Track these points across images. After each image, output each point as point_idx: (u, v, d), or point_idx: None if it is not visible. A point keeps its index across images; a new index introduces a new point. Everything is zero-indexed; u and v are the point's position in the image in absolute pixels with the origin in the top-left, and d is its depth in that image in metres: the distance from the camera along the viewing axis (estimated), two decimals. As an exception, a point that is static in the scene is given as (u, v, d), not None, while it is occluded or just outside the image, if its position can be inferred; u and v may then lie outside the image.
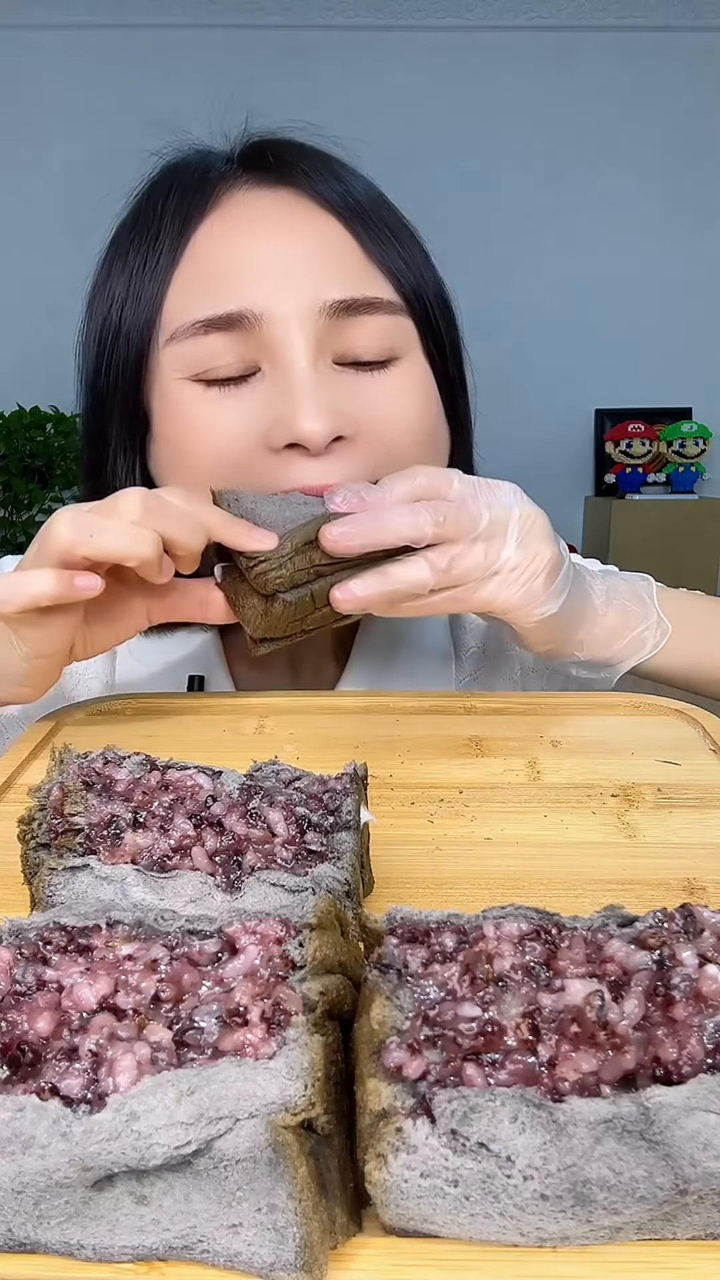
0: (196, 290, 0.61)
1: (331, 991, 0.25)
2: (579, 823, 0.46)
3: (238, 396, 0.61)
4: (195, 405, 0.62)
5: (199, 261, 0.62)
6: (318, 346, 0.60)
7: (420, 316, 0.65)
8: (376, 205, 0.66)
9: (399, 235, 0.65)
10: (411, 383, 0.64)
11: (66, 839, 0.35)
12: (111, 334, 0.65)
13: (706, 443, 3.33)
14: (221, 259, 0.61)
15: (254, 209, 0.63)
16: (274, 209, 0.63)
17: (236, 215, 0.63)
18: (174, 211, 0.63)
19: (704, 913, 0.27)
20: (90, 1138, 0.22)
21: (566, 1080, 0.23)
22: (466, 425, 0.73)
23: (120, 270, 0.65)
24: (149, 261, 0.63)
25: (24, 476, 3.06)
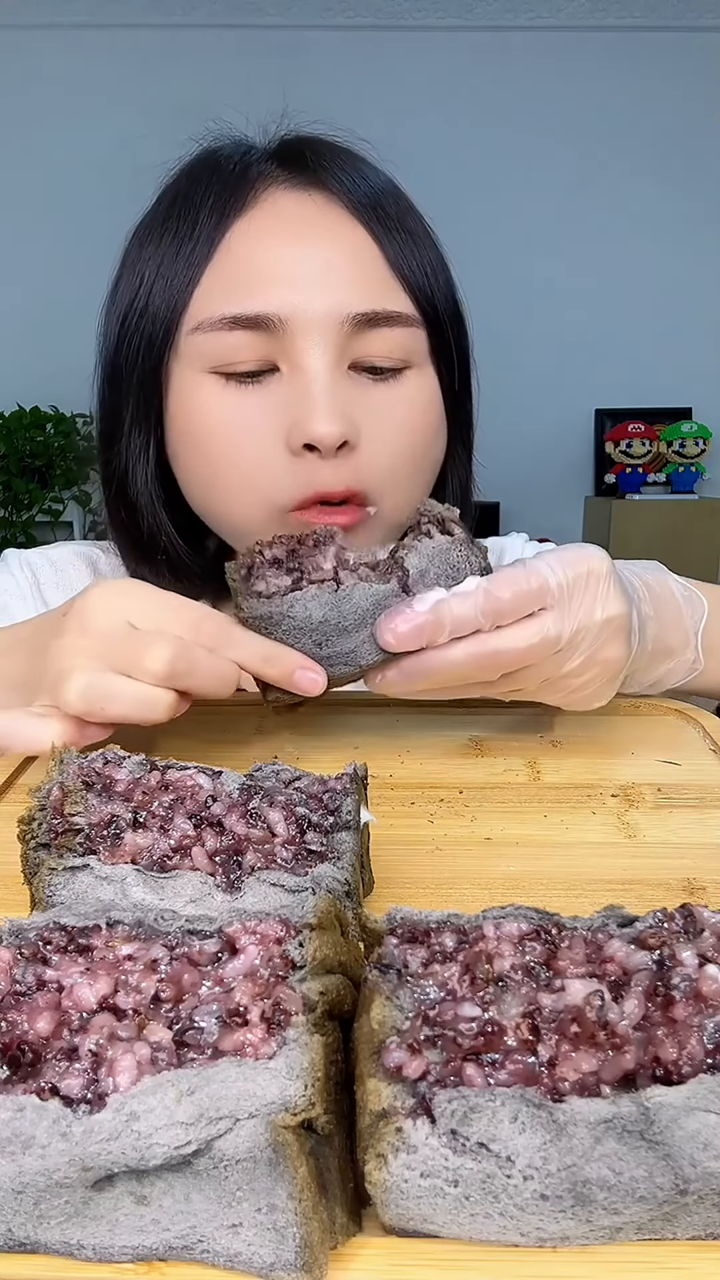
0: (227, 286, 0.63)
1: (331, 991, 0.25)
2: (579, 823, 0.46)
3: (254, 393, 0.63)
4: (213, 398, 0.64)
5: (232, 258, 0.64)
6: (336, 354, 0.62)
7: (433, 327, 0.67)
8: (400, 209, 0.68)
9: (418, 240, 0.67)
10: (417, 394, 0.66)
11: (66, 839, 0.35)
12: (136, 314, 0.67)
13: (706, 443, 3.32)
14: (253, 259, 0.63)
15: (288, 212, 0.65)
16: (308, 213, 0.65)
17: (271, 217, 0.65)
18: (212, 205, 0.65)
19: (704, 913, 0.27)
20: (90, 1138, 0.22)
21: (566, 1080, 0.23)
22: (468, 433, 0.75)
23: (153, 252, 0.67)
24: (183, 249, 0.65)
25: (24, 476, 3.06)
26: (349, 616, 0.47)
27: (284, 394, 0.63)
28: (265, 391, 0.63)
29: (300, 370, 0.62)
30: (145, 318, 0.66)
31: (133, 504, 0.71)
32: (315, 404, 0.61)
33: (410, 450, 0.66)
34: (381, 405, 0.64)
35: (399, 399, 0.65)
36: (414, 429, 0.66)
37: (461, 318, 0.71)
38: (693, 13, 3.22)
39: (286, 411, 0.62)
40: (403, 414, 0.65)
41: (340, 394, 0.62)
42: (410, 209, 0.69)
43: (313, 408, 0.61)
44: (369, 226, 0.65)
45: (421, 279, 0.66)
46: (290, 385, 0.63)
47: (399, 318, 0.64)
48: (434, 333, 0.67)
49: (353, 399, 0.63)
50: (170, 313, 0.65)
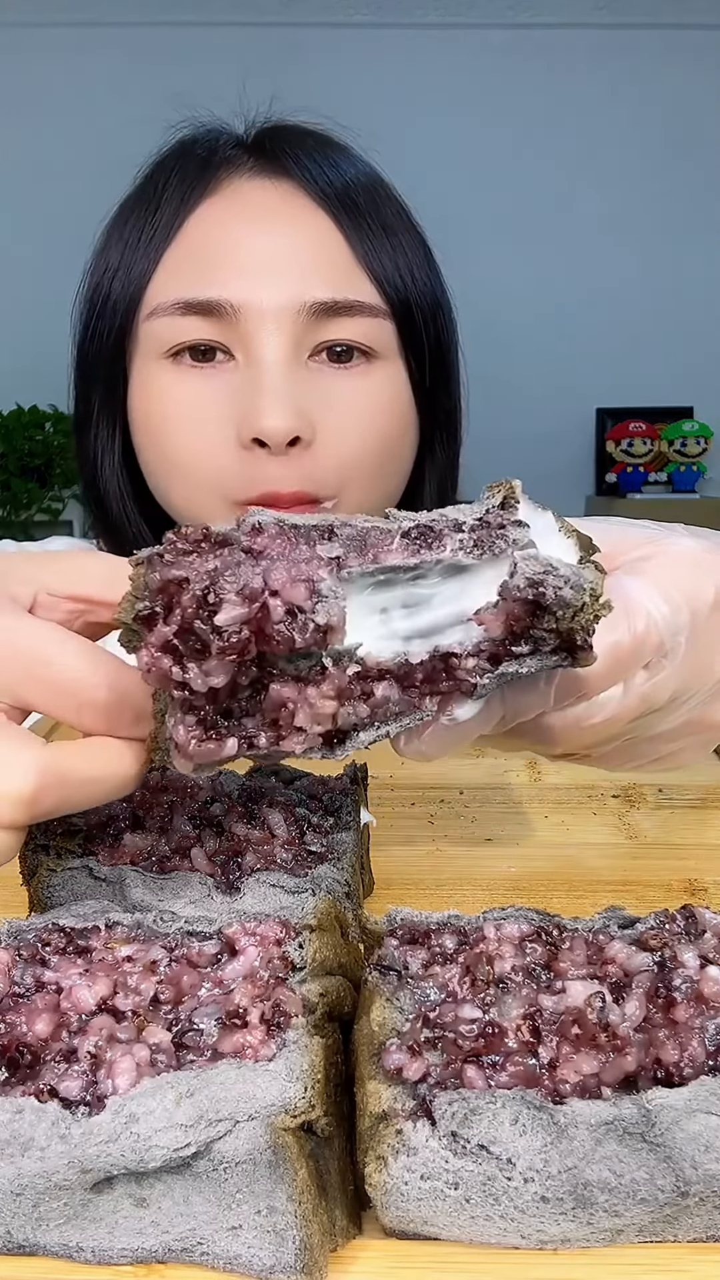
0: (183, 271, 0.62)
1: (331, 993, 0.25)
2: (580, 823, 0.46)
3: (208, 380, 0.62)
4: (168, 384, 0.63)
5: (190, 244, 0.63)
6: (293, 344, 0.61)
7: (403, 321, 0.65)
8: (375, 202, 0.65)
9: (394, 234, 0.65)
10: (381, 386, 0.64)
11: (66, 840, 0.35)
12: (101, 300, 0.66)
13: (708, 442, 3.32)
14: (211, 245, 0.62)
15: (252, 199, 0.63)
16: (271, 201, 0.63)
17: (233, 203, 0.63)
18: (175, 190, 0.64)
19: (705, 914, 0.27)
20: (89, 1140, 0.22)
21: (567, 1082, 0.23)
22: (452, 435, 0.72)
23: (118, 240, 0.66)
24: (144, 236, 0.64)
25: (23, 476, 3.06)
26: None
27: (237, 383, 0.61)
28: (219, 379, 0.62)
29: (254, 360, 0.60)
30: (108, 305, 0.66)
31: (101, 495, 0.71)
32: (265, 396, 0.59)
33: (373, 443, 0.64)
34: (343, 395, 0.62)
35: (362, 389, 0.63)
36: (377, 421, 0.64)
37: (441, 312, 0.68)
38: (693, 12, 3.21)
39: (238, 401, 0.60)
40: (365, 405, 0.63)
41: (295, 387, 0.60)
42: (387, 201, 0.67)
43: (263, 400, 0.59)
44: (335, 216, 0.63)
45: (391, 272, 0.64)
46: (243, 374, 0.61)
47: (361, 307, 0.62)
48: (403, 326, 0.65)
49: (310, 390, 0.61)
50: (129, 300, 0.64)
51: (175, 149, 0.68)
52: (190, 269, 0.62)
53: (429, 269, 0.67)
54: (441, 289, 0.69)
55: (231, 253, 0.61)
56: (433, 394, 0.68)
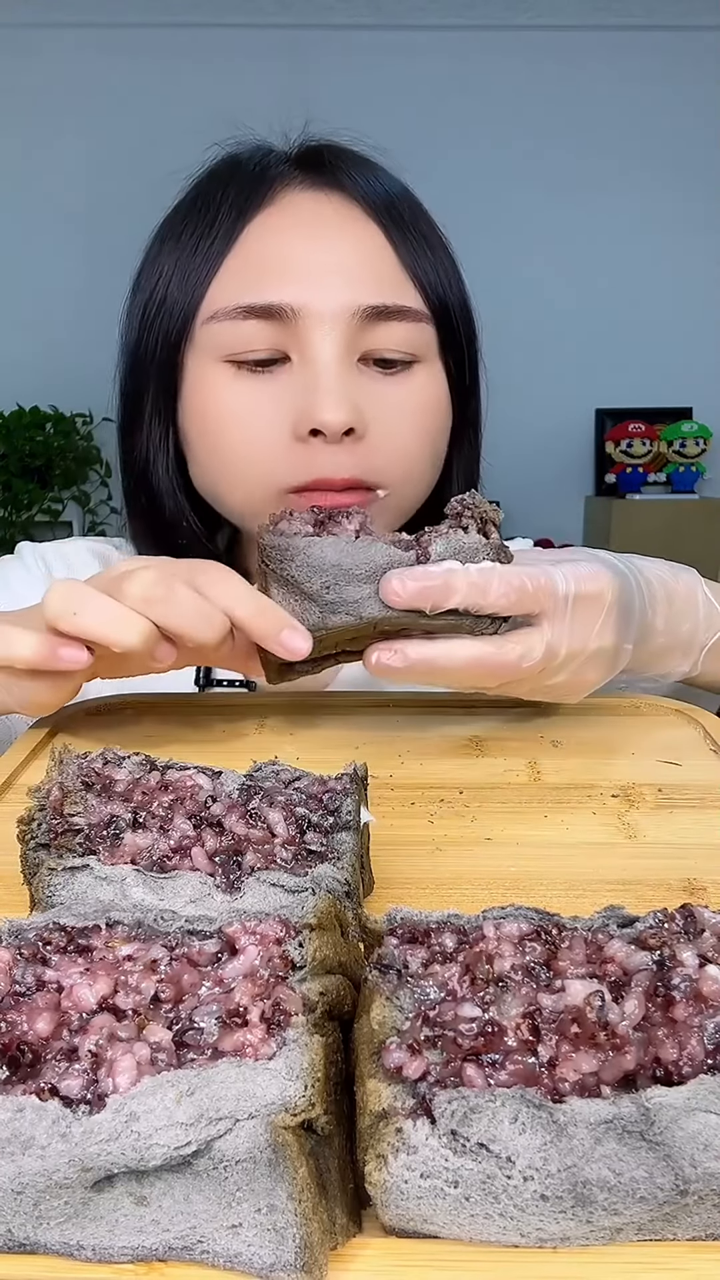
0: (243, 278, 0.65)
1: (331, 992, 0.25)
2: (579, 823, 0.46)
3: (266, 381, 0.65)
4: (225, 386, 0.66)
5: (249, 252, 0.66)
6: (346, 345, 0.64)
7: (443, 325, 0.69)
8: (414, 214, 0.70)
9: (432, 245, 0.69)
10: (425, 388, 0.68)
11: (66, 839, 0.35)
12: (156, 306, 0.69)
13: (707, 442, 3.32)
14: (270, 253, 0.66)
15: (305, 210, 0.67)
16: (324, 212, 0.67)
17: (289, 213, 0.67)
18: (232, 201, 0.68)
19: (704, 913, 0.27)
20: (90, 1138, 0.22)
21: (567, 1081, 0.23)
22: (476, 431, 0.76)
23: (172, 248, 0.69)
24: (201, 243, 0.67)
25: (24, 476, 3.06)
26: (362, 566, 0.47)
27: (294, 383, 0.64)
28: (275, 381, 0.65)
29: (310, 360, 0.64)
30: (164, 310, 0.68)
31: (154, 491, 0.73)
32: (323, 391, 0.62)
33: (418, 443, 0.68)
34: (390, 399, 0.66)
35: (408, 393, 0.67)
36: (422, 422, 0.68)
37: (472, 317, 0.73)
38: (693, 13, 3.22)
39: (295, 400, 0.64)
40: (411, 407, 0.67)
41: (349, 384, 0.64)
42: (424, 214, 0.72)
43: (321, 395, 0.62)
44: (383, 226, 0.67)
45: (434, 278, 0.68)
46: (300, 374, 0.64)
47: (408, 312, 0.66)
48: (443, 329, 0.69)
49: (361, 391, 0.65)
50: (188, 304, 0.67)
51: (225, 162, 0.72)
52: (250, 275, 0.65)
53: (459, 279, 0.72)
54: (469, 297, 0.73)
55: (289, 260, 0.65)
56: (466, 392, 0.72)
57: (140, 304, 0.71)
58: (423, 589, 0.46)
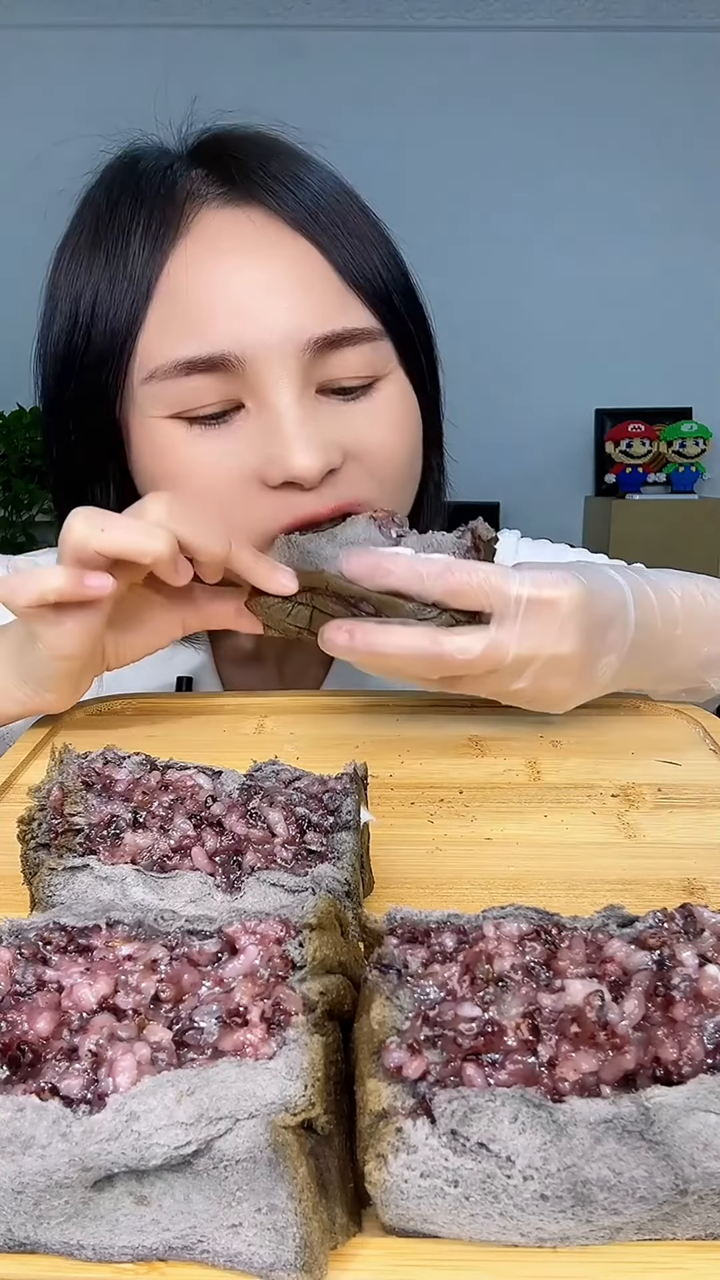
0: (175, 327, 0.59)
1: (331, 991, 0.25)
2: (579, 823, 0.46)
3: (222, 435, 0.60)
4: (180, 446, 0.60)
5: (173, 294, 0.60)
6: (301, 383, 0.59)
7: (396, 330, 0.64)
8: (343, 211, 0.63)
9: (367, 241, 0.63)
10: (393, 404, 0.64)
11: (66, 839, 0.35)
12: (78, 355, 0.63)
13: (707, 443, 3.32)
14: (197, 294, 0.59)
15: (227, 235, 0.61)
16: (245, 234, 0.61)
17: (209, 242, 0.60)
18: (144, 231, 0.61)
19: (704, 913, 0.27)
20: (90, 1138, 0.22)
21: (566, 1080, 0.23)
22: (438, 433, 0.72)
23: (84, 281, 0.62)
24: (117, 285, 0.61)
25: (24, 476, 3.06)
26: (341, 533, 0.54)
27: (254, 431, 0.59)
28: (233, 432, 0.60)
29: (268, 407, 0.59)
30: (88, 361, 0.62)
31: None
32: (290, 440, 0.58)
33: (394, 463, 0.64)
34: (357, 425, 0.62)
35: (374, 416, 0.62)
36: (394, 441, 0.63)
37: (421, 311, 0.68)
38: (693, 13, 3.22)
39: (259, 449, 0.59)
40: (381, 430, 0.63)
41: (313, 422, 0.59)
42: (350, 205, 0.65)
43: (289, 443, 0.57)
44: (313, 238, 0.61)
45: (372, 276, 0.62)
46: (259, 422, 0.59)
47: (361, 334, 0.61)
48: (398, 338, 0.64)
49: (328, 423, 0.60)
50: (116, 359, 0.61)
51: (121, 173, 0.65)
52: (180, 323, 0.59)
53: (396, 258, 0.66)
54: (409, 274, 0.67)
55: (221, 298, 0.59)
56: (429, 398, 0.69)
57: (57, 354, 0.64)
58: (369, 566, 0.49)
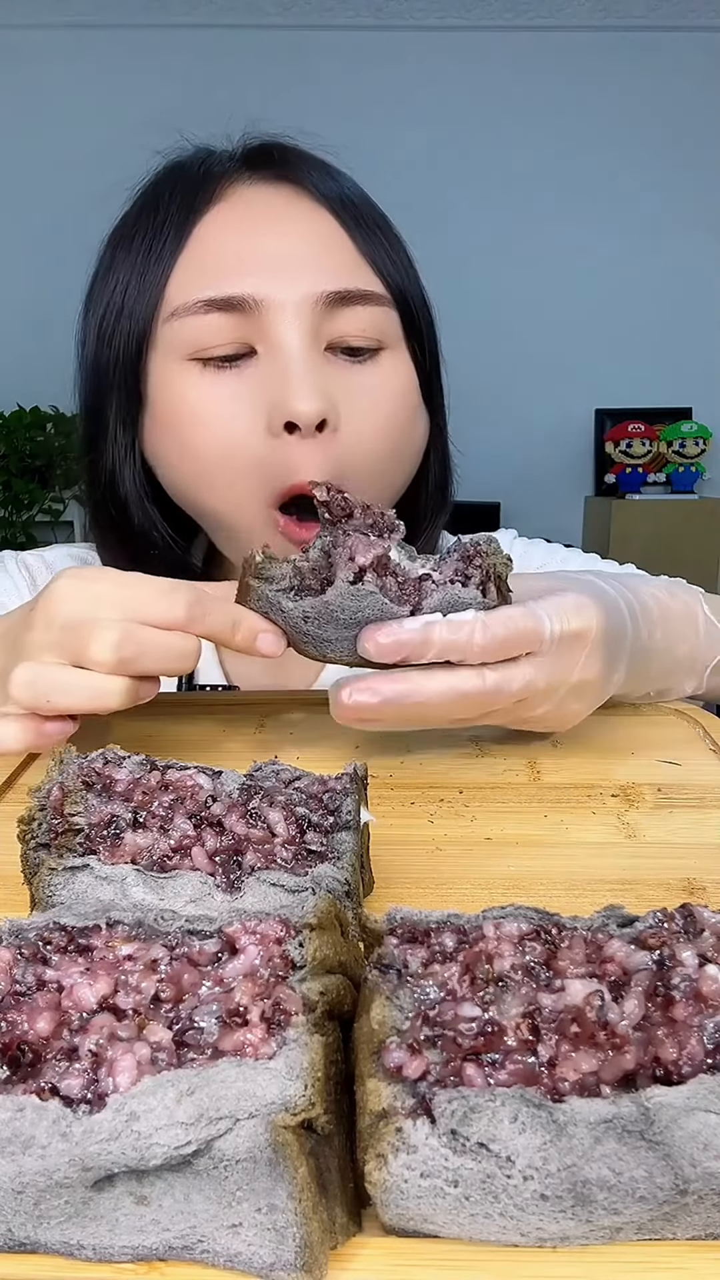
0: (199, 273, 0.64)
1: (331, 991, 0.25)
2: (579, 823, 0.46)
3: (233, 377, 0.64)
4: (193, 385, 0.64)
5: (203, 247, 0.65)
6: (311, 333, 0.63)
7: (405, 312, 0.68)
8: (367, 205, 0.70)
9: (387, 235, 0.69)
10: (394, 375, 0.67)
11: (66, 839, 0.35)
12: (114, 314, 0.67)
13: (706, 443, 3.32)
14: (224, 247, 0.64)
15: (256, 202, 0.66)
16: (275, 203, 0.66)
17: (240, 208, 0.66)
18: (179, 202, 0.67)
19: (704, 913, 0.27)
20: (90, 1138, 0.22)
21: (566, 1080, 0.23)
22: (442, 420, 0.76)
23: (124, 257, 0.68)
24: (153, 247, 0.66)
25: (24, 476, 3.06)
26: (348, 613, 0.46)
27: (262, 376, 0.63)
28: (243, 376, 0.64)
29: (277, 350, 0.63)
30: (122, 318, 0.67)
31: (122, 502, 0.71)
32: (294, 382, 0.61)
33: (391, 432, 0.67)
34: (360, 387, 0.65)
35: (377, 381, 0.66)
36: (393, 410, 0.67)
37: (430, 309, 0.72)
38: (693, 13, 3.22)
39: (265, 393, 0.63)
40: (381, 395, 0.66)
41: (318, 372, 0.63)
42: (373, 206, 0.71)
43: (291, 385, 0.61)
44: (337, 215, 0.66)
45: (391, 267, 0.68)
46: (268, 366, 0.63)
47: (371, 296, 0.65)
48: (405, 315, 0.68)
49: (331, 380, 0.64)
50: (147, 307, 0.66)
51: (169, 170, 0.71)
52: (208, 269, 0.64)
53: (414, 271, 0.71)
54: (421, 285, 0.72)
55: (244, 252, 0.64)
56: (429, 387, 0.72)
57: (96, 317, 0.69)
58: (398, 644, 0.45)
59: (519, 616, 0.46)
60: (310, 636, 0.48)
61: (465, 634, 0.45)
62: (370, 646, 0.45)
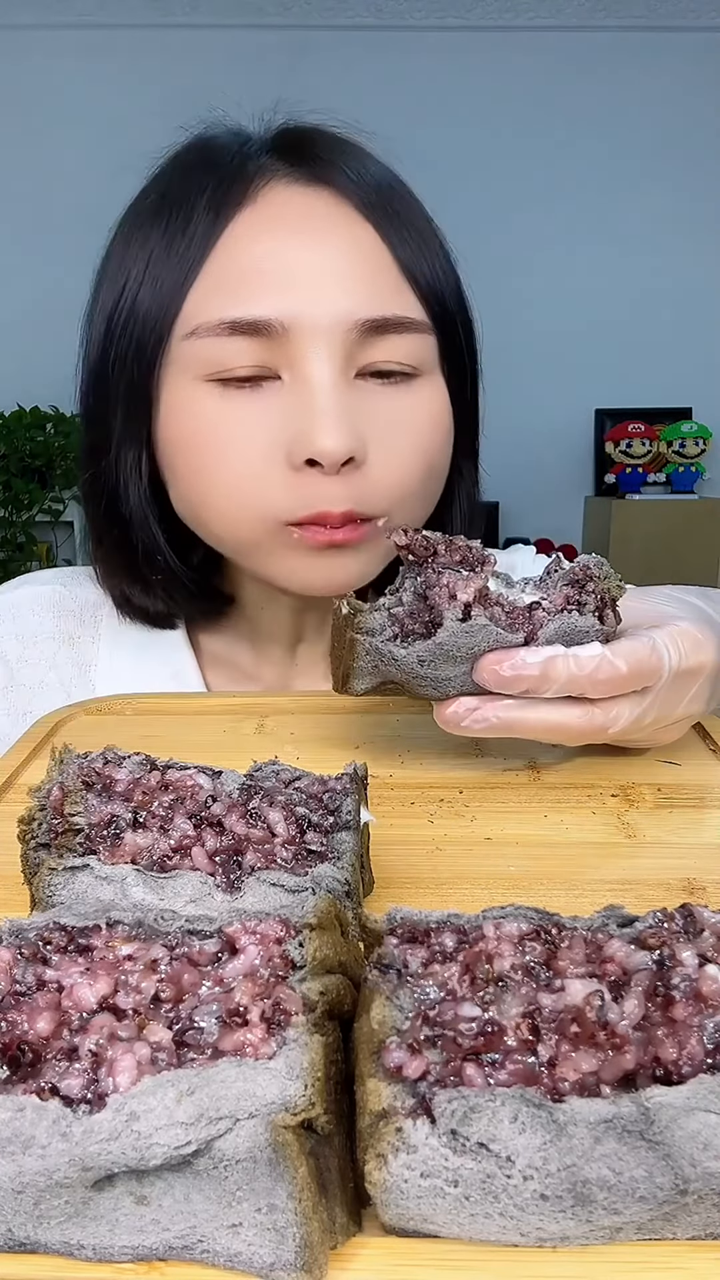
0: (225, 287, 0.59)
1: (331, 991, 0.25)
2: (579, 823, 0.46)
3: (254, 400, 0.59)
4: (209, 406, 0.60)
5: (230, 257, 0.59)
6: (343, 362, 0.59)
7: (444, 331, 0.64)
8: (408, 207, 0.64)
9: (428, 240, 0.64)
10: (427, 403, 0.63)
11: (66, 839, 0.35)
12: (123, 317, 0.62)
13: (706, 443, 3.33)
14: (254, 259, 0.59)
15: (292, 209, 0.60)
16: (312, 211, 0.61)
17: (273, 212, 0.60)
18: (209, 199, 0.60)
19: (704, 913, 0.27)
20: (90, 1138, 0.22)
21: (566, 1080, 0.23)
22: (474, 443, 0.71)
23: (139, 251, 0.62)
24: (175, 246, 0.60)
25: (24, 476, 3.06)
26: (463, 650, 0.45)
27: (285, 404, 0.59)
28: (265, 400, 0.59)
29: (304, 380, 0.58)
30: (133, 321, 0.61)
31: (125, 520, 0.66)
32: (320, 416, 0.57)
33: (420, 463, 0.62)
34: (390, 414, 0.61)
35: (409, 408, 0.62)
36: (424, 440, 0.63)
37: (470, 320, 0.68)
38: (693, 13, 3.22)
39: (288, 423, 0.58)
40: (413, 424, 0.62)
41: (347, 406, 0.58)
42: (415, 204, 0.65)
43: (318, 420, 0.57)
44: (379, 225, 0.61)
45: (433, 280, 0.63)
46: (293, 395, 0.59)
47: (410, 324, 0.60)
48: (444, 338, 0.64)
49: (360, 410, 0.59)
50: (162, 316, 0.60)
51: (195, 150, 0.64)
52: (232, 284, 0.59)
53: (454, 270, 0.66)
54: (459, 280, 0.67)
55: (276, 267, 0.58)
56: (465, 408, 0.67)
57: (104, 314, 0.63)
58: (519, 678, 0.44)
59: (642, 650, 0.45)
60: (427, 679, 0.46)
61: (590, 670, 0.44)
62: (490, 678, 0.45)
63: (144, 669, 0.72)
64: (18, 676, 0.73)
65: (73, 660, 0.73)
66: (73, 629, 0.74)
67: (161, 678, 0.72)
